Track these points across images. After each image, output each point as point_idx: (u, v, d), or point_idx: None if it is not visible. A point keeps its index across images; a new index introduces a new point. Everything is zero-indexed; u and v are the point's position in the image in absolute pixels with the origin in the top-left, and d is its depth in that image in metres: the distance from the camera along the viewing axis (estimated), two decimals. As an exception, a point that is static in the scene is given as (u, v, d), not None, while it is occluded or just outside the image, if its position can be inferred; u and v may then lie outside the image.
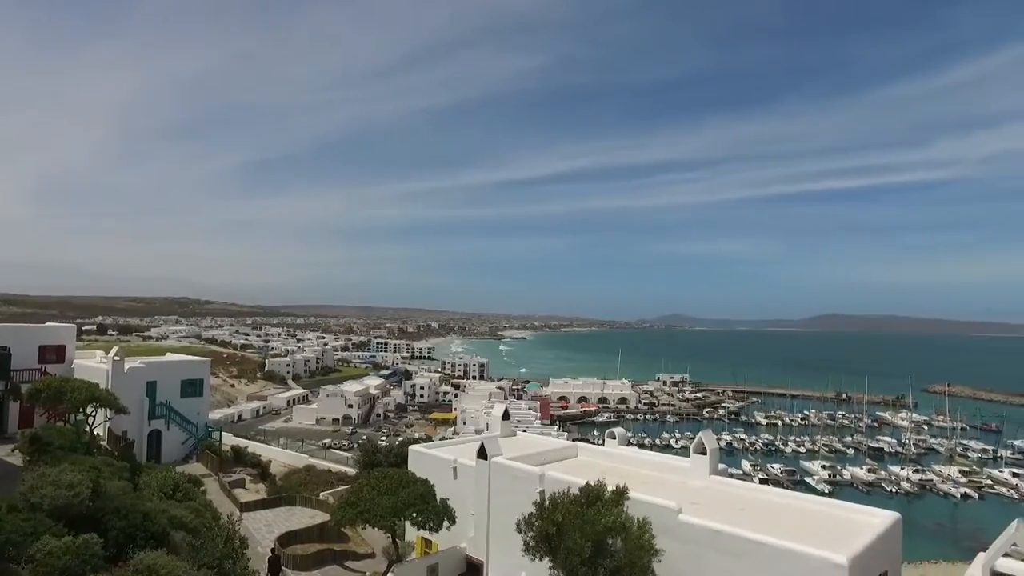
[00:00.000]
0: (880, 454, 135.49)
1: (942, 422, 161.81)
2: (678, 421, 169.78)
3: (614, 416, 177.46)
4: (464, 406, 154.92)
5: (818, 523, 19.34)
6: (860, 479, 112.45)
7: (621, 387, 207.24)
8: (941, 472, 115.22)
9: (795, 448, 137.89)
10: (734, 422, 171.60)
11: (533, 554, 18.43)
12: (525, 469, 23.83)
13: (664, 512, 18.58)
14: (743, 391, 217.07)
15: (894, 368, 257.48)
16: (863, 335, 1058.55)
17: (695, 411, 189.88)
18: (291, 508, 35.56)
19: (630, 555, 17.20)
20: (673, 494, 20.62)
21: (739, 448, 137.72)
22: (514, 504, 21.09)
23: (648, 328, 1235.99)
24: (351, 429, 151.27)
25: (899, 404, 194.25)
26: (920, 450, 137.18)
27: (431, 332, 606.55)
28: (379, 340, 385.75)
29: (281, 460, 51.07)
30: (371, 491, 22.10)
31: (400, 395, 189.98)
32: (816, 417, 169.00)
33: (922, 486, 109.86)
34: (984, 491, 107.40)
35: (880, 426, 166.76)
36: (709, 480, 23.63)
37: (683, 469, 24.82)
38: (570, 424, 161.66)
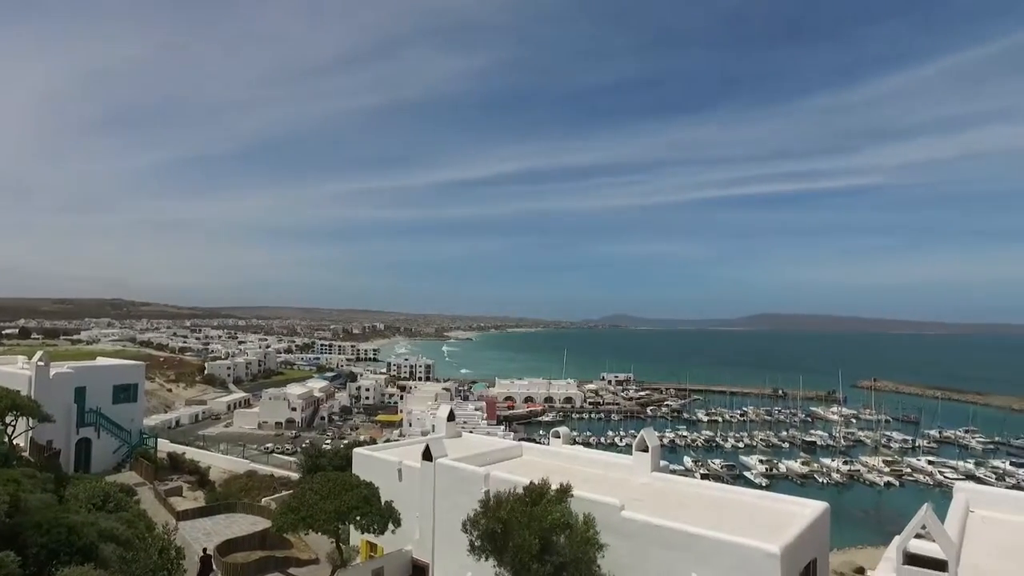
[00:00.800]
0: (813, 447, 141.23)
1: (868, 415, 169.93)
2: (622, 419, 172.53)
3: (560, 415, 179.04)
4: (410, 408, 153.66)
5: (754, 515, 20.10)
6: (795, 472, 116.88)
7: (567, 387, 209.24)
8: (867, 462, 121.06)
9: (735, 444, 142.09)
10: (677, 419, 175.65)
11: (479, 554, 18.56)
12: (470, 470, 23.93)
13: (607, 508, 18.99)
14: (685, 389, 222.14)
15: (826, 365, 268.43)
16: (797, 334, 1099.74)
17: (639, 409, 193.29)
18: (231, 515, 34.53)
19: (576, 551, 17.54)
20: (616, 491, 21.10)
21: (681, 445, 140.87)
22: (460, 505, 21.18)
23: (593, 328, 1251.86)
24: (295, 433, 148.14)
25: (830, 399, 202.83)
26: (849, 442, 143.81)
27: (376, 333, 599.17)
28: (323, 342, 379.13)
29: (221, 466, 49.60)
30: (314, 495, 21.79)
31: (345, 397, 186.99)
32: (754, 413, 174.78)
33: (850, 476, 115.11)
34: (904, 479, 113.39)
35: (813, 420, 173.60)
36: (651, 477, 24.24)
37: (626, 466, 25.38)
38: (516, 424, 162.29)
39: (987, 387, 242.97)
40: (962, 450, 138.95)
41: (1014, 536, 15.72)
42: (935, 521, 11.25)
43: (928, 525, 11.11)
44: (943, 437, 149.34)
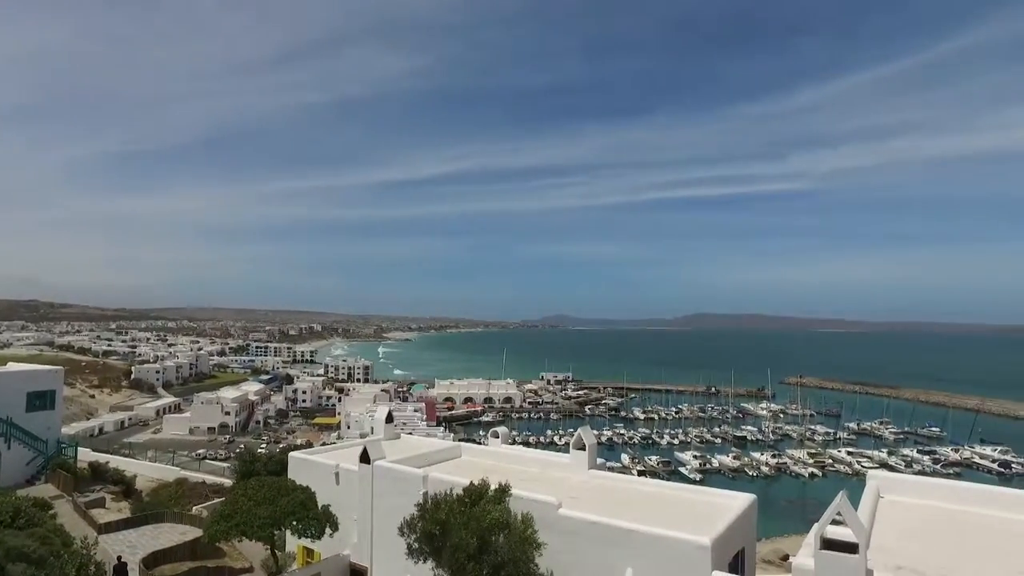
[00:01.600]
0: (744, 442, 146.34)
1: (795, 410, 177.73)
2: (562, 419, 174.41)
3: (500, 415, 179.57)
4: (348, 410, 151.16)
5: (687, 509, 20.78)
6: (727, 466, 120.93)
7: (506, 387, 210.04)
8: (793, 455, 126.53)
9: (670, 440, 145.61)
10: (614, 418, 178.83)
11: (417, 557, 18.53)
12: (408, 471, 23.84)
13: (545, 507, 19.27)
14: (623, 388, 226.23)
15: (756, 363, 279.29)
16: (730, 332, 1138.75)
17: (578, 408, 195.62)
18: (159, 526, 33.21)
19: (514, 550, 17.73)
20: (554, 489, 21.43)
21: (619, 442, 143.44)
22: (398, 507, 21.07)
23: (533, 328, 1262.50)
24: (228, 438, 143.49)
25: (760, 395, 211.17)
26: (777, 436, 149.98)
27: (314, 335, 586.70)
28: (258, 344, 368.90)
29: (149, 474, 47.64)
30: (248, 501, 21.28)
31: (281, 400, 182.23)
32: (689, 411, 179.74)
33: (778, 469, 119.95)
34: (827, 469, 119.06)
35: (744, 416, 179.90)
36: (588, 474, 24.72)
37: (564, 465, 25.79)
38: (456, 425, 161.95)
39: (899, 381, 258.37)
40: (877, 440, 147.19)
41: (917, 518, 16.96)
42: (848, 508, 12.07)
43: (842, 512, 11.91)
44: (861, 429, 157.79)
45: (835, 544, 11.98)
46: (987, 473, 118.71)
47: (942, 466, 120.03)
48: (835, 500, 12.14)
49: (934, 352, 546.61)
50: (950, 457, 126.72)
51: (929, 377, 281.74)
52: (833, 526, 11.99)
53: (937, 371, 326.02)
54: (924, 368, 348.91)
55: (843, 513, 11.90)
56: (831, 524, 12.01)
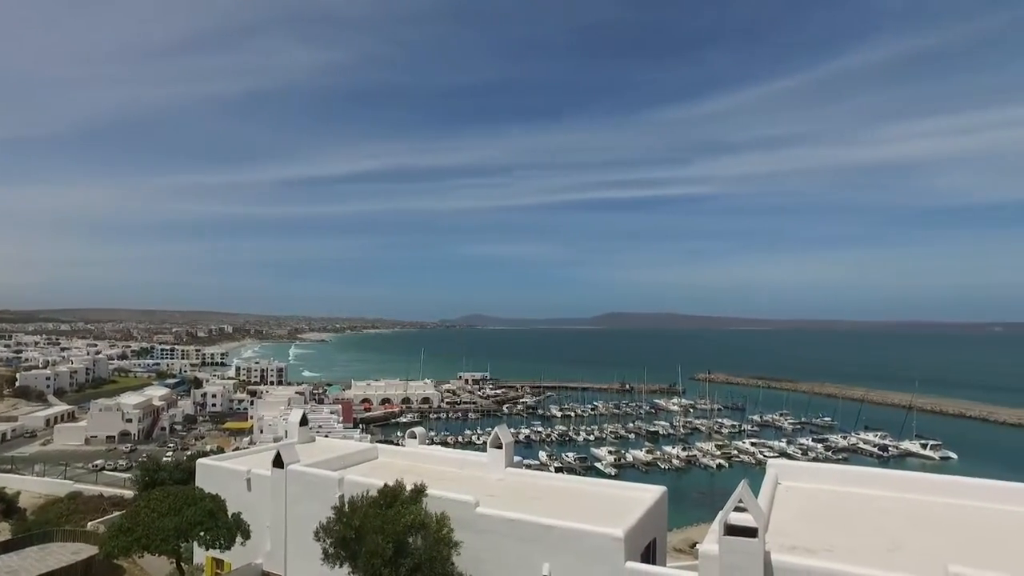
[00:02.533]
0: (656, 436, 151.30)
1: (704, 405, 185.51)
2: (479, 418, 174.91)
3: (417, 416, 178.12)
4: (261, 414, 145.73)
5: (601, 503, 21.40)
6: (640, 460, 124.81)
7: (424, 387, 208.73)
8: (702, 448, 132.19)
9: (586, 437, 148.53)
10: (532, 416, 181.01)
11: (332, 561, 18.23)
12: (323, 475, 23.37)
13: (462, 506, 19.39)
14: (540, 387, 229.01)
15: (668, 360, 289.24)
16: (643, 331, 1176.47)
17: (496, 407, 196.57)
18: (46, 546, 30.61)
19: (430, 550, 17.76)
20: (471, 488, 21.57)
21: (536, 440, 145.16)
22: (313, 512, 20.63)
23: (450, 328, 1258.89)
24: (130, 447, 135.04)
25: (671, 391, 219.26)
26: (687, 430, 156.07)
27: (224, 336, 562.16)
28: (164, 346, 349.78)
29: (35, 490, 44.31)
30: (150, 513, 20.25)
31: (189, 405, 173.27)
32: (604, 407, 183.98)
33: (688, 461, 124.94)
34: (733, 460, 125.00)
35: (656, 412, 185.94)
36: (505, 472, 25.01)
37: (481, 464, 25.97)
38: (373, 426, 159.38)
39: (798, 376, 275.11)
40: (777, 431, 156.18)
41: (811, 501, 18.35)
42: (749, 495, 12.92)
43: (743, 499, 12.74)
44: (763, 421, 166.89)
45: (737, 530, 12.79)
46: (869, 457, 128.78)
47: (833, 452, 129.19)
48: (737, 489, 12.96)
49: (829, 348, 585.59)
50: (839, 444, 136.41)
51: (823, 371, 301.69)
52: (735, 513, 12.79)
53: (830, 366, 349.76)
54: (819, 363, 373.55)
55: (744, 500, 12.72)
56: (734, 511, 12.81)
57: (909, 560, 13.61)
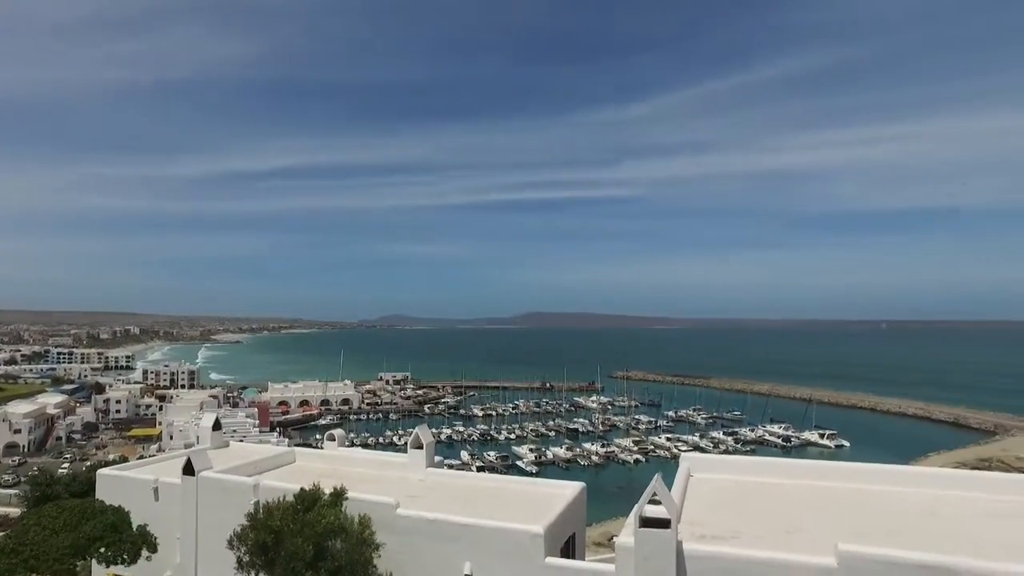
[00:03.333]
0: (576, 434, 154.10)
1: (622, 402, 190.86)
2: (401, 419, 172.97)
3: (337, 418, 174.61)
4: (171, 419, 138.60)
5: (522, 501, 21.72)
6: (560, 457, 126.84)
7: (344, 388, 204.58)
8: (620, 444, 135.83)
9: (507, 435, 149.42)
10: (453, 416, 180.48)
11: (248, 569, 17.69)
12: (237, 481, 22.58)
13: (382, 508, 19.23)
14: (461, 386, 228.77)
15: (588, 358, 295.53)
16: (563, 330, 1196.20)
17: (417, 408, 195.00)
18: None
19: (351, 553, 17.53)
20: (392, 489, 21.43)
21: (458, 440, 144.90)
22: (227, 520, 19.91)
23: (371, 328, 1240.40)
24: (18, 460, 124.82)
25: (591, 389, 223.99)
26: (606, 427, 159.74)
27: (130, 338, 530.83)
28: (61, 350, 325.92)
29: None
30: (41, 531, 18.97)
31: (90, 412, 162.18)
32: (525, 406, 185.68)
33: (607, 457, 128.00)
34: (650, 455, 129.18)
35: (576, 409, 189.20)
36: (426, 473, 24.96)
37: (402, 465, 25.82)
38: (291, 429, 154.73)
39: (709, 372, 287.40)
40: (691, 426, 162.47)
41: (720, 492, 19.31)
42: (663, 487, 13.52)
43: (657, 492, 13.32)
44: (678, 416, 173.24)
45: (651, 521, 13.36)
46: (775, 447, 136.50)
47: (742, 444, 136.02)
48: (651, 483, 13.54)
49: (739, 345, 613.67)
50: (748, 436, 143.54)
51: (733, 368, 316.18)
52: (650, 506, 13.36)
53: (740, 362, 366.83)
54: (730, 360, 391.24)
55: (658, 493, 13.30)
56: (648, 504, 13.38)
57: (805, 541, 14.63)
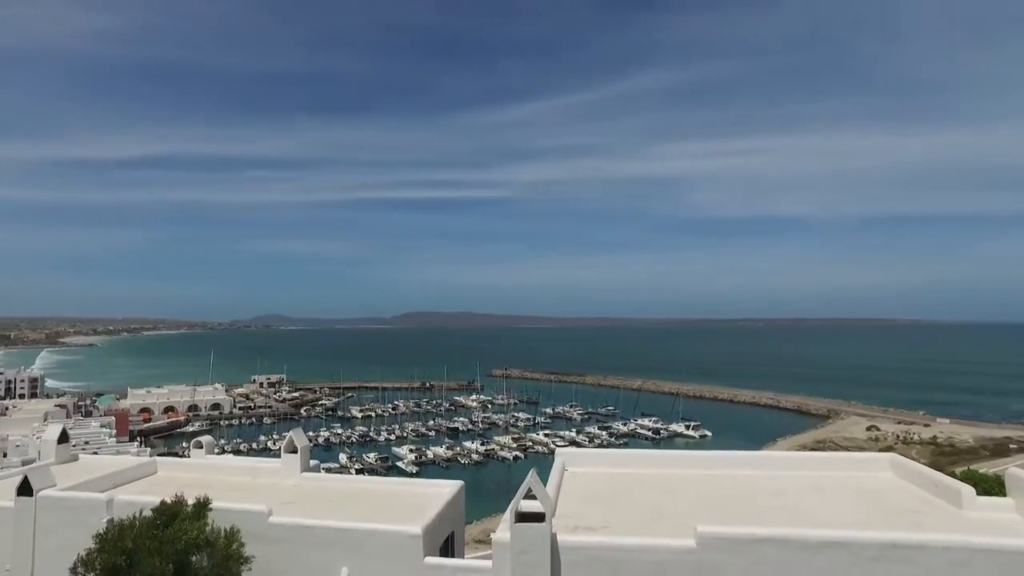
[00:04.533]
0: (456, 433, 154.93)
1: (501, 400, 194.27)
2: (276, 422, 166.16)
3: (207, 424, 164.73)
4: (6, 433, 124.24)
5: (400, 501, 21.49)
6: (441, 456, 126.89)
7: (214, 392, 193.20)
8: (500, 441, 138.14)
9: (387, 437, 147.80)
10: (331, 418, 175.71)
11: (97, 595, 16.26)
12: (86, 498, 20.62)
13: (253, 517, 18.32)
14: (339, 387, 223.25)
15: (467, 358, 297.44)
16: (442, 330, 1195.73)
17: (293, 411, 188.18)
18: None
19: (217, 568, 16.61)
20: (264, 497, 20.50)
21: (336, 442, 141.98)
22: (73, 542, 18.13)
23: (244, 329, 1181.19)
24: None
25: (470, 388, 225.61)
26: (486, 425, 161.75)
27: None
28: None
29: None
30: None
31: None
32: (405, 406, 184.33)
33: (487, 455, 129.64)
34: (528, 452, 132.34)
35: (456, 408, 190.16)
36: (301, 477, 24.07)
37: (275, 470, 24.71)
38: (154, 438, 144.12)
39: (585, 369, 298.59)
40: (568, 422, 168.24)
41: (594, 485, 20.16)
42: (537, 483, 14.01)
43: (532, 487, 13.77)
44: (555, 413, 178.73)
45: (526, 516, 13.78)
46: (646, 440, 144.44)
47: (615, 438, 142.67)
48: (527, 478, 13.96)
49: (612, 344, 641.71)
50: (621, 430, 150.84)
51: (607, 365, 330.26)
52: (525, 501, 13.77)
53: (613, 360, 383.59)
54: (604, 358, 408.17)
55: (533, 488, 13.75)
56: (523, 499, 13.78)
57: (668, 526, 15.68)
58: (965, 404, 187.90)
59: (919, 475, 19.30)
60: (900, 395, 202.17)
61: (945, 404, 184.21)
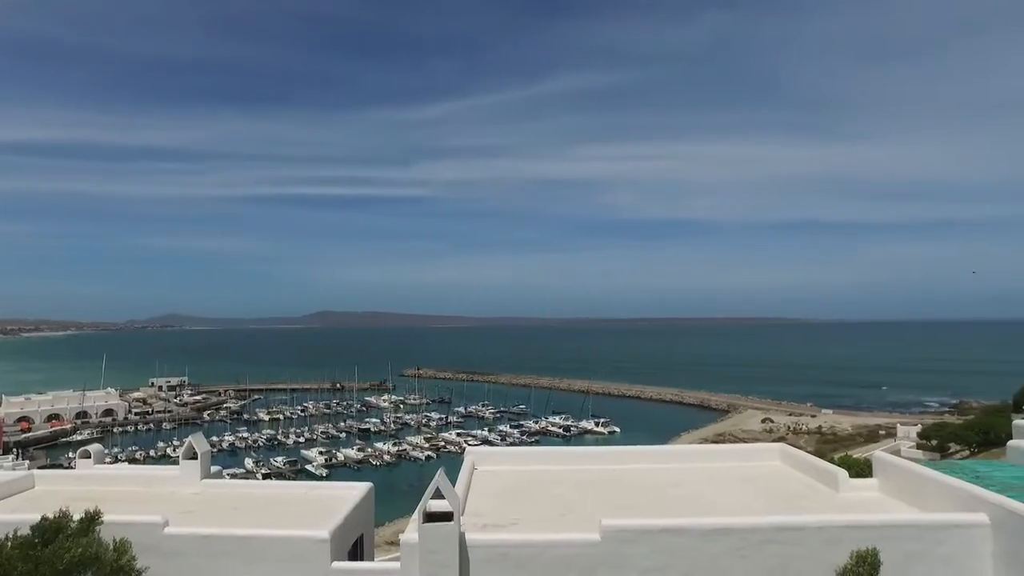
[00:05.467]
0: (368, 434, 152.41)
1: (413, 400, 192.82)
2: (176, 427, 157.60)
3: (98, 432, 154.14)
4: None
5: (308, 506, 21.02)
6: (352, 458, 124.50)
7: (106, 397, 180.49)
8: (412, 441, 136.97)
9: (296, 439, 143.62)
10: (237, 421, 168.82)
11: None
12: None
13: (148, 529, 17.33)
14: (246, 390, 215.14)
15: (379, 357, 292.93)
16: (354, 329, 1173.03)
17: (196, 415, 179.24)
18: None
19: (106, 585, 15.63)
20: (160, 507, 19.46)
21: (242, 447, 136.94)
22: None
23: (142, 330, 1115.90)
24: None
25: (382, 388, 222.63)
26: (398, 426, 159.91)
27: None
28: None
29: None
30: None
31: None
32: (314, 408, 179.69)
33: (399, 456, 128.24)
34: (441, 452, 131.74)
35: (367, 409, 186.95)
36: (202, 485, 23.05)
37: (173, 478, 23.55)
38: (35, 450, 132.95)
39: (497, 368, 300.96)
40: (480, 420, 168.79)
41: (503, 482, 20.48)
42: (445, 482, 14.09)
43: (440, 487, 13.84)
44: (468, 412, 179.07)
45: (435, 516, 13.84)
46: (556, 437, 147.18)
47: (527, 436, 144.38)
48: (435, 478, 14.02)
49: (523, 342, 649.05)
50: (532, 428, 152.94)
51: (519, 364, 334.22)
52: (434, 500, 13.82)
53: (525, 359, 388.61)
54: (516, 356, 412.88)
55: (441, 488, 13.82)
56: (431, 499, 13.84)
57: (575, 521, 16.14)
58: (847, 396, 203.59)
59: (803, 462, 20.94)
60: (792, 389, 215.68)
61: (830, 396, 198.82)
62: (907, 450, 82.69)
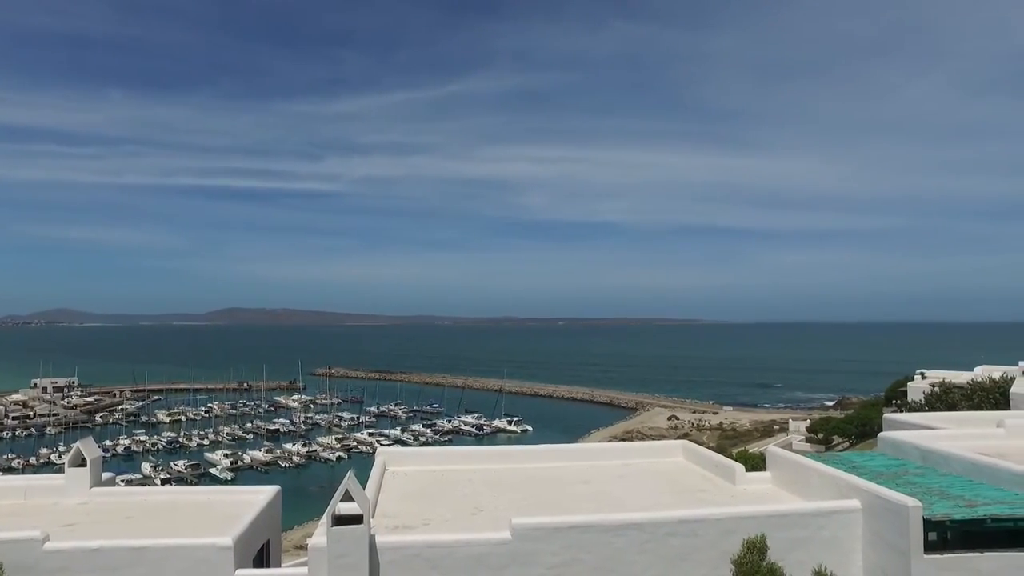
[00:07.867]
0: (276, 435, 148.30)
1: (324, 400, 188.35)
2: (63, 432, 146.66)
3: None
4: None
5: (210, 511, 20.12)
6: (259, 460, 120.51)
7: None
8: (323, 442, 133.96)
9: (200, 442, 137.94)
10: (134, 424, 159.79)
11: None
12: None
13: (24, 545, 15.80)
14: (143, 390, 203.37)
15: (289, 356, 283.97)
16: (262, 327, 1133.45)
17: (86, 418, 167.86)
18: None
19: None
20: (40, 520, 18.08)
21: (140, 451, 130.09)
22: None
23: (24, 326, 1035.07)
24: None
25: (292, 388, 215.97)
26: (308, 426, 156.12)
27: None
28: None
29: None
30: None
31: None
32: (219, 408, 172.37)
33: (309, 457, 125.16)
34: (352, 452, 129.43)
35: (276, 409, 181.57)
36: (91, 493, 21.56)
37: (56, 488, 21.87)
38: None
39: (410, 367, 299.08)
40: (393, 420, 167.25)
41: (414, 483, 20.43)
42: (355, 484, 13.93)
43: (350, 489, 13.66)
44: (380, 411, 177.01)
45: (344, 519, 13.65)
46: (470, 436, 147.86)
47: (440, 435, 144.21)
48: (344, 479, 13.83)
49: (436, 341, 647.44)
50: (445, 427, 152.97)
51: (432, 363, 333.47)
52: (343, 503, 13.63)
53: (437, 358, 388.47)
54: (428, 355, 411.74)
55: (351, 490, 13.64)
56: (341, 502, 13.64)
57: (486, 520, 16.34)
58: (745, 394, 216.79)
59: (704, 457, 22.14)
60: (696, 388, 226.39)
61: (731, 394, 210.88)
62: (797, 443, 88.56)
